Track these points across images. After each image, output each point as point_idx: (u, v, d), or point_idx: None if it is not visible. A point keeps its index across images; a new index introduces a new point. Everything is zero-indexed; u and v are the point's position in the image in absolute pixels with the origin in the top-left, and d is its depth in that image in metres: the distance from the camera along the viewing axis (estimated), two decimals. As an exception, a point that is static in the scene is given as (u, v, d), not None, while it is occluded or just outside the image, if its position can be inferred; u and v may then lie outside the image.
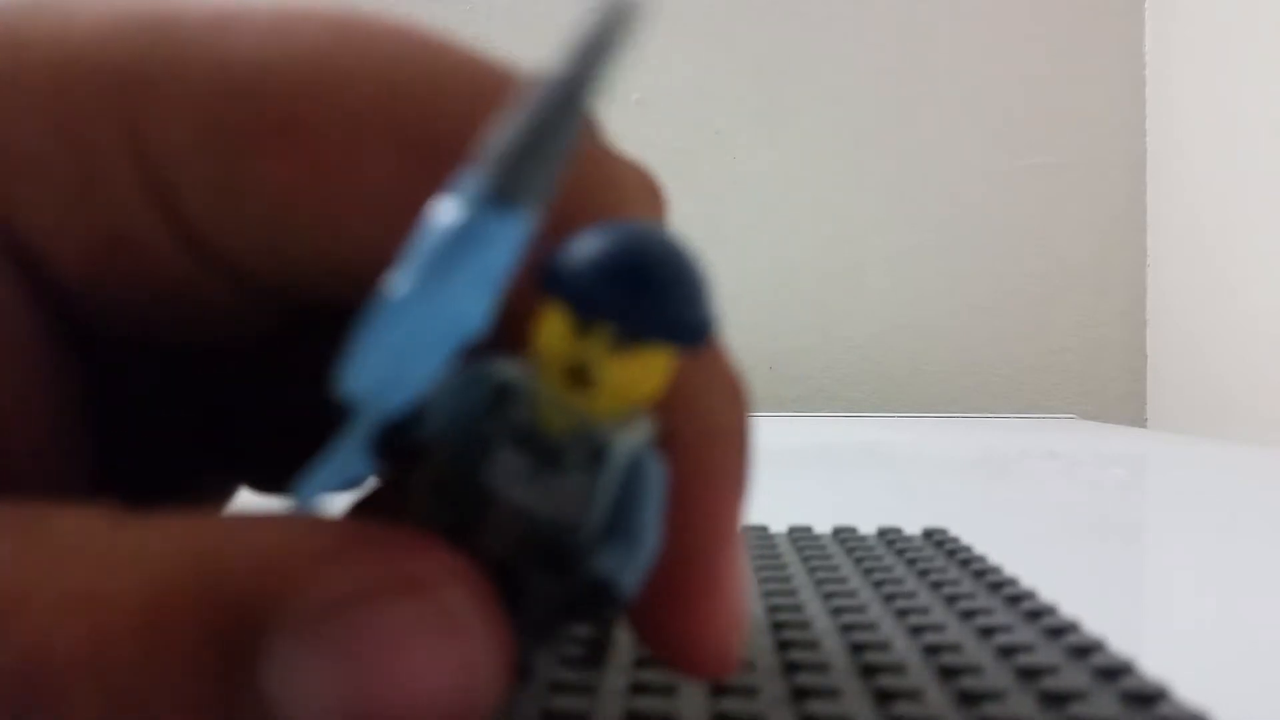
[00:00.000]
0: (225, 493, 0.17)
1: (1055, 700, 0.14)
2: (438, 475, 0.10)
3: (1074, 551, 0.29)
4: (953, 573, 0.22)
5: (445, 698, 0.08)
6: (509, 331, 0.10)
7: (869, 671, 0.16)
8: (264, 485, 0.17)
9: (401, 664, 0.08)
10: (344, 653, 0.08)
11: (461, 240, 0.09)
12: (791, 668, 0.16)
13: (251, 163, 0.11)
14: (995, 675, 0.15)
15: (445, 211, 0.09)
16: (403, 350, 0.09)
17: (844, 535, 0.27)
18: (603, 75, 0.08)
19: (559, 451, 0.10)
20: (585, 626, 0.16)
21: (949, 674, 0.16)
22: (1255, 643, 0.21)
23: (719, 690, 0.15)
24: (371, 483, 0.15)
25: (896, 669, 0.16)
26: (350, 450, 0.09)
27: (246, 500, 0.17)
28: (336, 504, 0.14)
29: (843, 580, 0.22)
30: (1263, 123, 0.76)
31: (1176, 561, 0.31)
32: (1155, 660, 0.16)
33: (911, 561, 0.23)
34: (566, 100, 0.08)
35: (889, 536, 0.26)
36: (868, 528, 0.27)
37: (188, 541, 0.09)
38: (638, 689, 0.15)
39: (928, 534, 0.26)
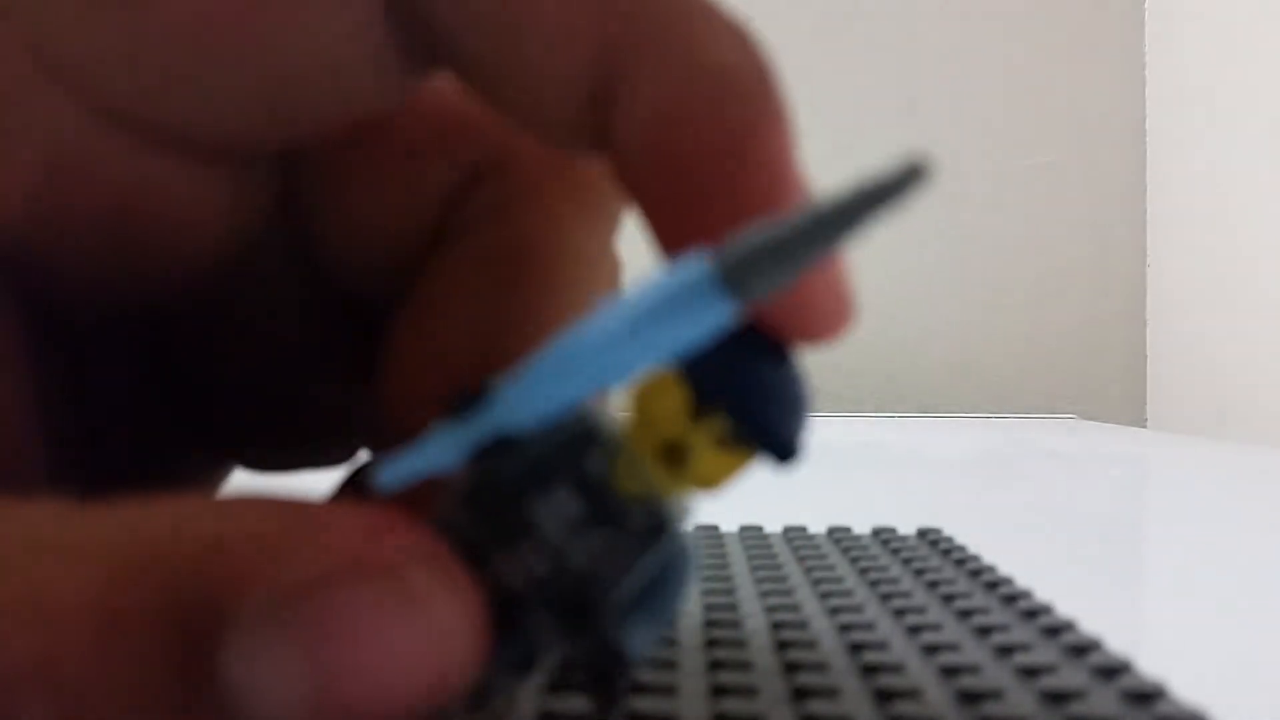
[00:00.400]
0: (217, 474, 0.16)
1: (1054, 699, 0.14)
2: (482, 485, 0.10)
3: (1073, 551, 0.29)
4: (948, 572, 0.22)
5: (414, 680, 0.08)
6: None
7: (868, 671, 0.16)
8: (256, 463, 0.16)
9: (366, 649, 0.08)
10: (306, 640, 0.08)
11: (678, 305, 0.09)
12: (791, 667, 0.16)
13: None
14: (993, 674, 0.15)
15: (683, 273, 0.09)
16: (574, 376, 0.09)
17: (838, 535, 0.27)
18: (871, 223, 0.09)
19: (620, 514, 0.10)
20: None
21: (948, 673, 0.16)
22: (1254, 642, 0.21)
23: (719, 690, 0.15)
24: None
25: (895, 668, 0.16)
26: (449, 445, 0.09)
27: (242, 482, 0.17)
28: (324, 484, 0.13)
29: (839, 580, 0.22)
30: (1263, 122, 0.76)
31: (1176, 562, 0.31)
32: (1154, 659, 0.16)
33: (907, 561, 0.23)
34: (829, 232, 0.09)
35: (883, 536, 0.26)
36: (866, 528, 0.27)
37: (139, 532, 0.08)
38: (637, 689, 0.15)
39: (922, 533, 0.26)
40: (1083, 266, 0.97)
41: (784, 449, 0.10)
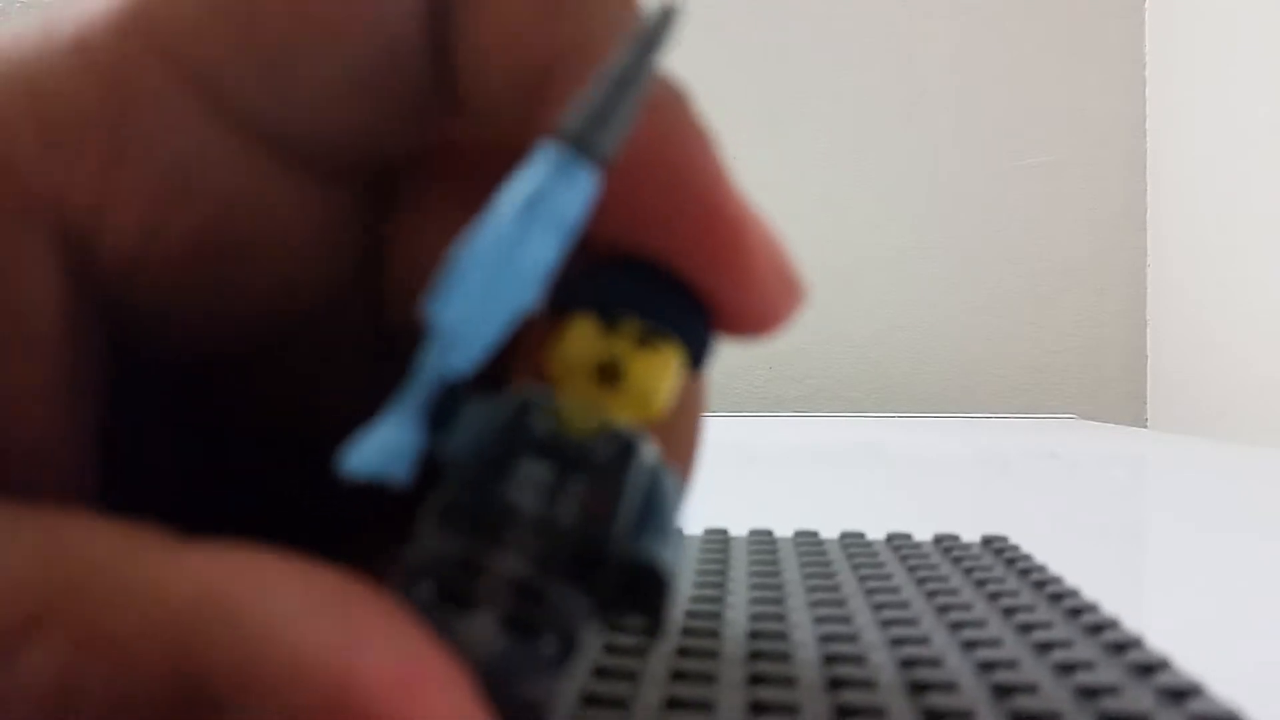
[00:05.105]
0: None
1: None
2: (451, 501, 0.10)
3: (1073, 552, 0.28)
4: (1012, 583, 0.22)
5: None
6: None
7: (917, 689, 0.15)
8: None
9: None
10: None
11: (549, 186, 0.10)
12: (836, 684, 0.16)
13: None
14: (1051, 693, 0.15)
15: (540, 160, 0.10)
16: (493, 284, 0.09)
17: (897, 542, 0.26)
18: (656, 60, 0.10)
19: (585, 455, 0.10)
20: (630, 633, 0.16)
21: (1002, 692, 0.15)
22: (1255, 642, 0.21)
23: (758, 707, 0.15)
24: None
25: (948, 687, 0.15)
26: (405, 413, 0.10)
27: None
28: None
29: (895, 590, 0.21)
30: (1263, 122, 0.77)
31: (1176, 562, 0.31)
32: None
33: (969, 571, 0.23)
34: (630, 77, 0.10)
35: (945, 544, 0.26)
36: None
37: (177, 614, 0.08)
38: (672, 705, 0.15)
39: (986, 542, 0.26)
40: (1083, 266, 0.97)
41: (691, 327, 0.11)
